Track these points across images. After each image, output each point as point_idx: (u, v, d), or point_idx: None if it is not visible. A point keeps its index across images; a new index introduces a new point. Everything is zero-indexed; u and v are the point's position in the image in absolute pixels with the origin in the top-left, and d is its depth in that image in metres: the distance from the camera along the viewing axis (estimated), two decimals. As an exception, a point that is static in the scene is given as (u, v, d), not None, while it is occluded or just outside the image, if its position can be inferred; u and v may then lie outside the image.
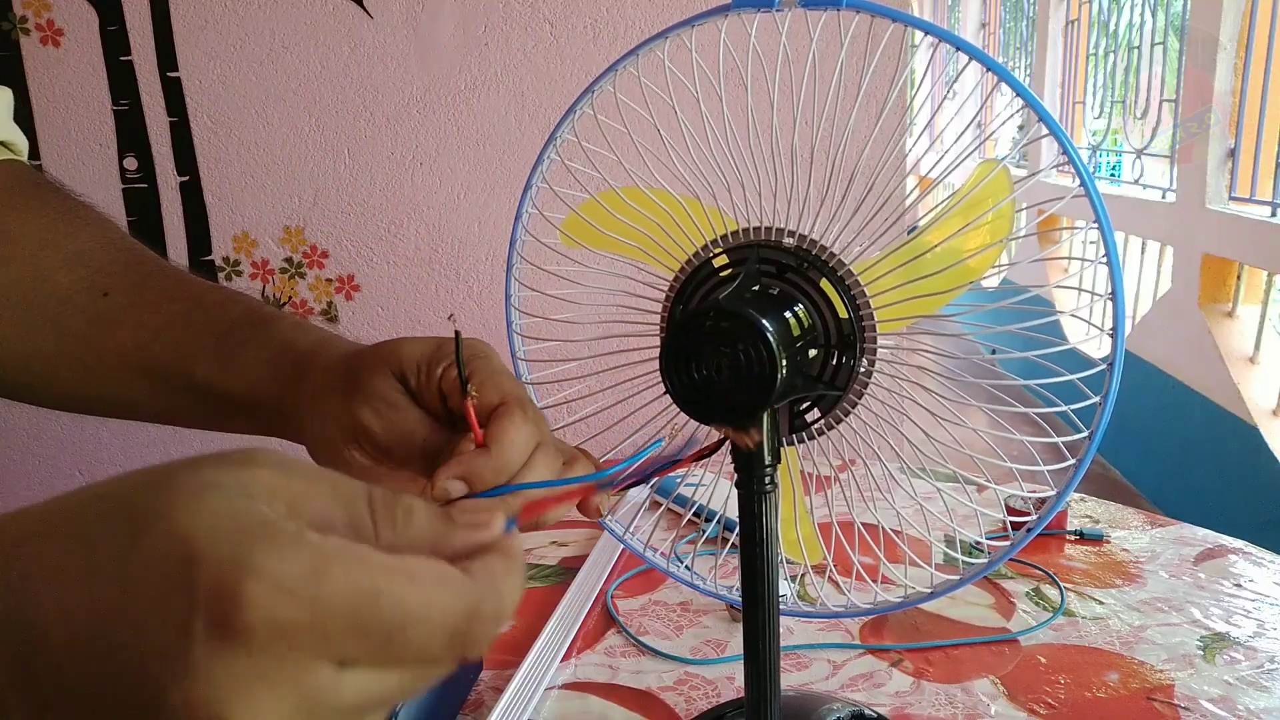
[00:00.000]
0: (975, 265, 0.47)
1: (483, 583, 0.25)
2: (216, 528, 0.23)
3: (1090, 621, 0.70)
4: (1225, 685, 0.61)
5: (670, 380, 0.42)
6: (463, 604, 0.25)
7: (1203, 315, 3.31)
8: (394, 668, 0.24)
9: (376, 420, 0.41)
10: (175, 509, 0.23)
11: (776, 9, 0.46)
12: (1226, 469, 3.13)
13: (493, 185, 1.21)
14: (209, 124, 1.18)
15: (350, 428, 0.41)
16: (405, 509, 0.27)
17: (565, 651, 0.67)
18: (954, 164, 0.48)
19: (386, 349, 0.42)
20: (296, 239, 1.22)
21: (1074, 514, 0.88)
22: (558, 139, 0.52)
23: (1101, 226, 0.43)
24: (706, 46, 0.49)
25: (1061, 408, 0.46)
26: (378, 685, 0.24)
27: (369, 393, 0.41)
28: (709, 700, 0.62)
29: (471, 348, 0.41)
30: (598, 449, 0.49)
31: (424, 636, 0.24)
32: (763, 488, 0.46)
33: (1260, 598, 0.73)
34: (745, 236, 0.48)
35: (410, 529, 0.26)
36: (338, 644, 0.23)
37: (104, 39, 1.15)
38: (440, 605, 0.24)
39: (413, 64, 1.16)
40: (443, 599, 0.24)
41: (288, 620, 0.22)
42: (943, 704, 0.60)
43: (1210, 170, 3.28)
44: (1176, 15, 3.94)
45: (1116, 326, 0.44)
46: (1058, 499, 0.48)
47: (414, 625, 0.24)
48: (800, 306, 0.46)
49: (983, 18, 6.32)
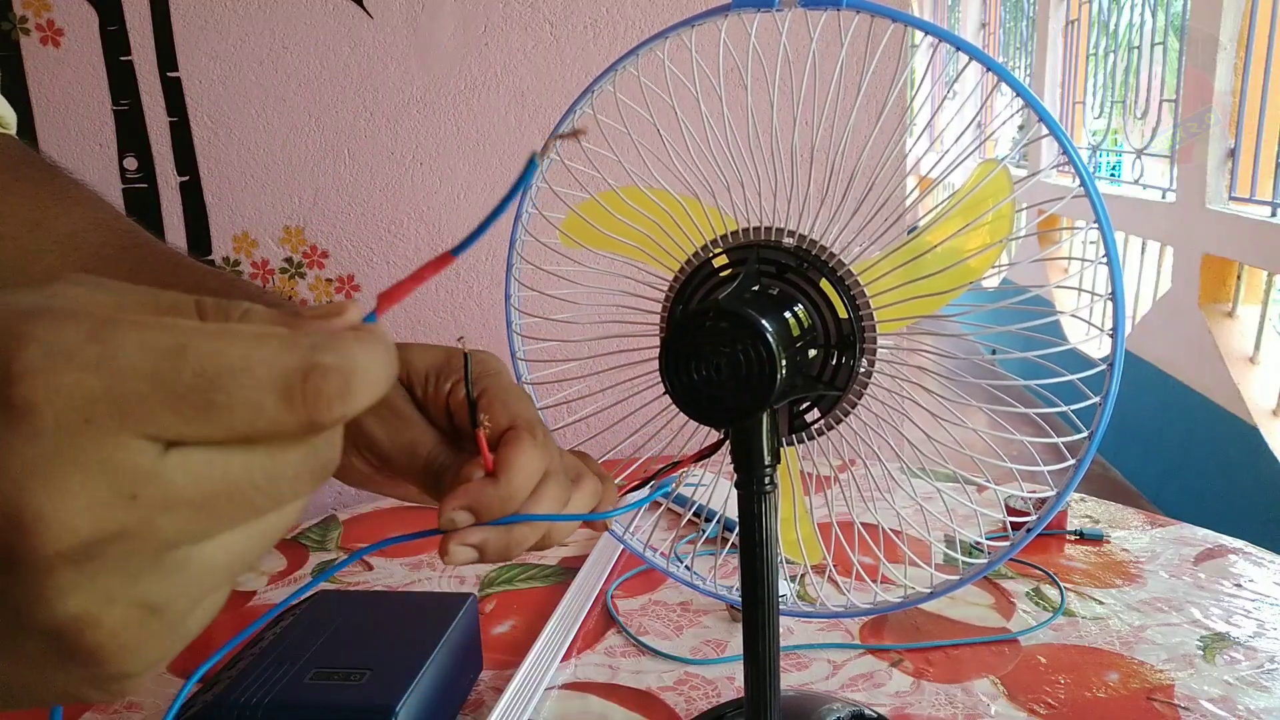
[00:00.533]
0: (975, 265, 0.47)
1: (318, 336, 0.22)
2: (8, 311, 0.20)
3: (1090, 621, 0.70)
4: (1225, 685, 0.61)
5: (670, 380, 0.42)
6: (294, 353, 0.21)
7: (1203, 315, 3.31)
8: (226, 442, 0.21)
9: (380, 428, 0.39)
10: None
11: (776, 9, 0.46)
12: (1226, 469, 3.13)
13: (493, 185, 1.21)
14: (209, 124, 1.18)
15: (352, 432, 0.39)
16: (242, 311, 0.23)
17: (565, 651, 0.67)
18: (954, 164, 0.48)
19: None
20: (296, 239, 1.22)
21: (1074, 514, 0.88)
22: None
23: (1102, 227, 0.43)
24: (706, 46, 0.49)
25: (1062, 408, 0.46)
26: (215, 468, 0.21)
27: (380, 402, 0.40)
28: (709, 700, 0.62)
29: (482, 364, 0.40)
30: (597, 449, 0.49)
31: (248, 390, 0.20)
32: (762, 488, 0.46)
33: (1260, 598, 0.73)
34: (745, 236, 0.48)
35: (240, 316, 0.23)
36: (145, 411, 0.20)
37: (104, 39, 1.15)
38: (263, 356, 0.21)
39: (413, 64, 1.16)
40: (265, 350, 0.21)
41: (75, 387, 0.19)
42: (943, 704, 0.60)
43: (1210, 170, 3.28)
44: (1176, 15, 3.94)
45: (1117, 327, 0.44)
46: (1058, 499, 0.48)
47: (232, 377, 0.20)
48: (800, 306, 0.46)
49: (983, 18, 6.32)
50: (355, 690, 0.52)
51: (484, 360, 0.40)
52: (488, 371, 0.40)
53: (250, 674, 0.53)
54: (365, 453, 0.40)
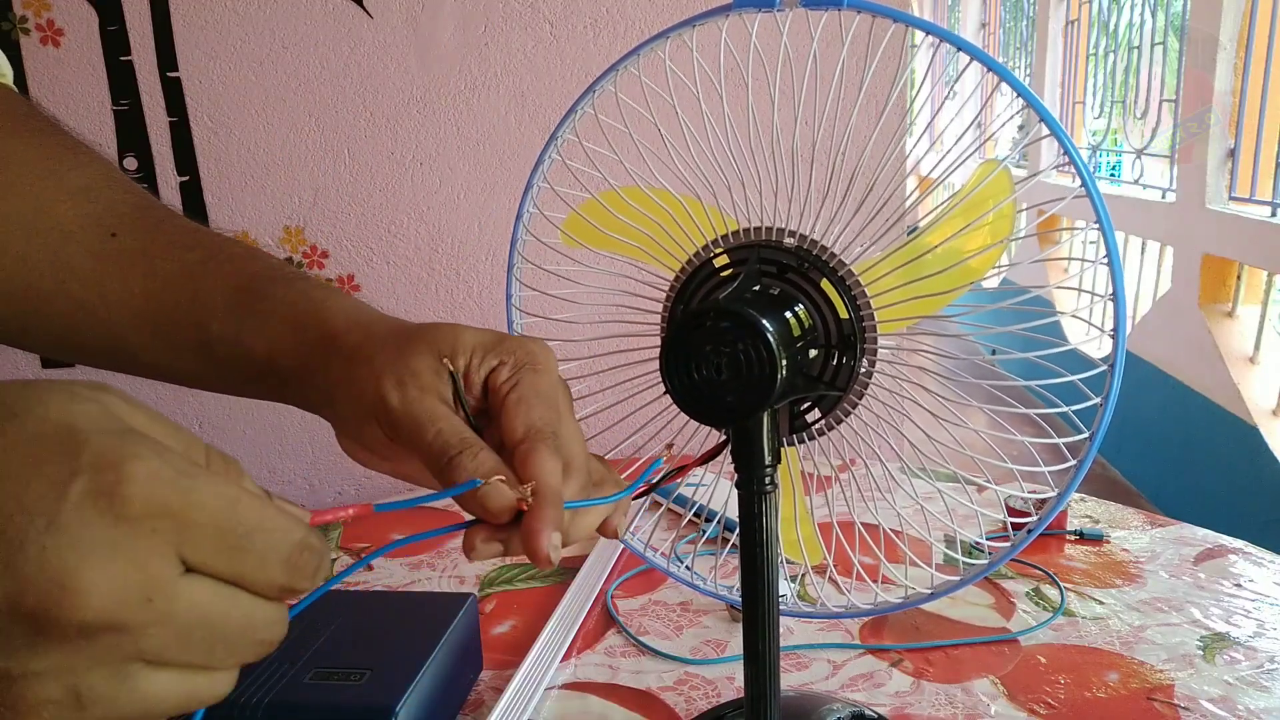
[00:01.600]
0: (976, 266, 0.47)
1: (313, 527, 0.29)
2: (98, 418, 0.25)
3: (1090, 621, 0.70)
4: (1225, 685, 0.61)
5: (670, 380, 0.42)
6: (299, 531, 0.28)
7: (1203, 315, 3.30)
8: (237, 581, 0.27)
9: (398, 393, 0.37)
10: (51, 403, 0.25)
11: (778, 9, 0.46)
12: (1226, 469, 3.13)
13: (493, 185, 1.21)
14: (209, 124, 1.18)
15: (371, 398, 0.38)
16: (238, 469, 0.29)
17: (565, 651, 0.67)
18: (955, 164, 0.48)
19: (447, 330, 0.40)
20: (296, 239, 1.22)
21: (1074, 514, 0.88)
22: (559, 138, 0.52)
23: (1103, 228, 0.43)
24: (708, 46, 0.49)
25: (1062, 408, 0.46)
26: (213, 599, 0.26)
27: (405, 368, 0.38)
28: (709, 700, 0.62)
29: (529, 354, 0.39)
30: (598, 449, 0.49)
31: (265, 549, 0.27)
32: (763, 488, 0.46)
33: (1260, 598, 0.73)
34: (746, 236, 0.48)
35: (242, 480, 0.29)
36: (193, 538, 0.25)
37: (104, 39, 1.15)
38: (283, 526, 0.27)
39: (413, 64, 1.16)
40: (285, 521, 0.27)
41: (159, 501, 0.25)
42: (943, 704, 0.60)
43: (1210, 170, 3.28)
44: (1176, 15, 3.94)
45: (1118, 328, 0.44)
46: (1058, 500, 0.48)
47: (260, 535, 0.27)
48: (801, 307, 0.46)
49: (983, 18, 6.32)
50: (355, 690, 0.52)
51: (530, 351, 0.40)
52: (526, 364, 0.39)
53: (250, 674, 0.53)
54: (380, 420, 0.38)
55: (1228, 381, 3.09)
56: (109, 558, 0.24)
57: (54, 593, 0.23)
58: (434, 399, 0.38)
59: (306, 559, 0.28)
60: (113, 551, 0.24)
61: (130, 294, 0.45)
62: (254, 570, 0.27)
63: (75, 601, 0.23)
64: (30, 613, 0.23)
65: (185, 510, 0.25)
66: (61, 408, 0.25)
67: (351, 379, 0.39)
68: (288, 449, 1.27)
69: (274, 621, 0.28)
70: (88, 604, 0.23)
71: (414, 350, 0.39)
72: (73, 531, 0.24)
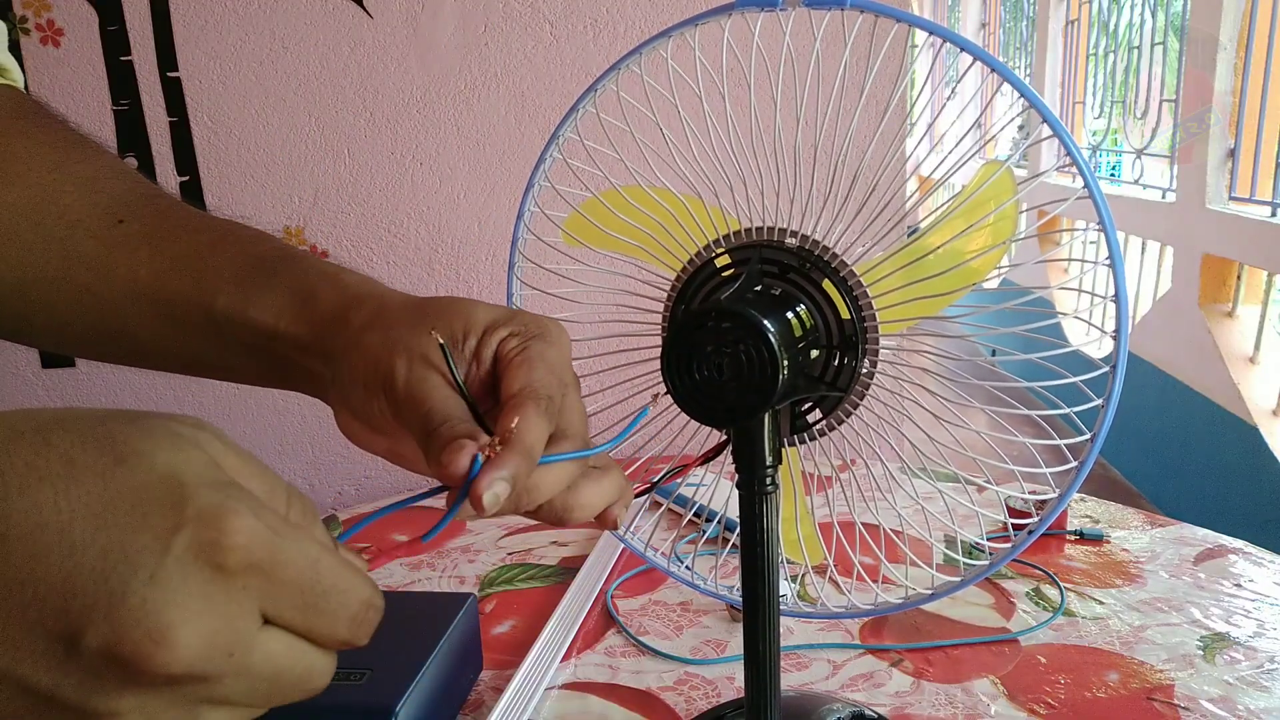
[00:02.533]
0: (978, 266, 0.47)
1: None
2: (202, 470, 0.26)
3: (1090, 621, 0.70)
4: (1225, 685, 0.61)
5: (671, 380, 0.42)
6: (367, 590, 0.29)
7: (1203, 315, 3.31)
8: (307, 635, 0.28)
9: (405, 367, 0.37)
10: (158, 449, 0.26)
11: (780, 8, 0.46)
12: (1226, 469, 3.13)
13: (493, 185, 1.21)
14: (209, 124, 1.18)
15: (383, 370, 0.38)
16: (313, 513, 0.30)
17: (565, 651, 0.67)
18: (956, 165, 0.48)
19: (461, 305, 0.40)
20: (296, 239, 1.22)
21: (1074, 514, 0.88)
22: (560, 137, 0.52)
23: (1105, 229, 0.43)
24: (709, 45, 0.49)
25: (1063, 410, 0.46)
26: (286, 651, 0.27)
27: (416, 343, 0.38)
28: (709, 700, 0.62)
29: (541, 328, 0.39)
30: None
31: (338, 607, 0.28)
32: (763, 488, 0.46)
33: (1260, 598, 0.73)
34: (747, 236, 0.48)
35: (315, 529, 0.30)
36: (279, 595, 0.26)
37: (104, 39, 1.15)
38: (355, 586, 0.28)
39: (413, 64, 1.16)
40: (357, 581, 0.29)
41: (254, 559, 0.26)
42: (943, 704, 0.60)
43: (1210, 170, 3.28)
44: (1176, 15, 3.94)
45: (1119, 329, 0.44)
46: (1059, 501, 0.48)
47: (335, 594, 0.28)
48: (802, 307, 0.46)
49: (983, 18, 6.32)
50: (355, 690, 0.52)
51: (543, 324, 0.40)
52: (536, 336, 0.39)
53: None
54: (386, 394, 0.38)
55: (1228, 381, 3.10)
56: (202, 611, 0.25)
57: (148, 646, 0.24)
58: (438, 376, 0.37)
59: (370, 617, 0.29)
60: (206, 606, 0.25)
61: (136, 275, 0.45)
62: (325, 626, 0.28)
63: (167, 657, 0.24)
64: (124, 661, 0.24)
65: (274, 569, 0.26)
66: (168, 456, 0.26)
67: (363, 350, 0.39)
68: (288, 449, 1.27)
69: (327, 671, 0.29)
70: (179, 659, 0.24)
71: (427, 325, 0.38)
72: (173, 585, 0.24)
